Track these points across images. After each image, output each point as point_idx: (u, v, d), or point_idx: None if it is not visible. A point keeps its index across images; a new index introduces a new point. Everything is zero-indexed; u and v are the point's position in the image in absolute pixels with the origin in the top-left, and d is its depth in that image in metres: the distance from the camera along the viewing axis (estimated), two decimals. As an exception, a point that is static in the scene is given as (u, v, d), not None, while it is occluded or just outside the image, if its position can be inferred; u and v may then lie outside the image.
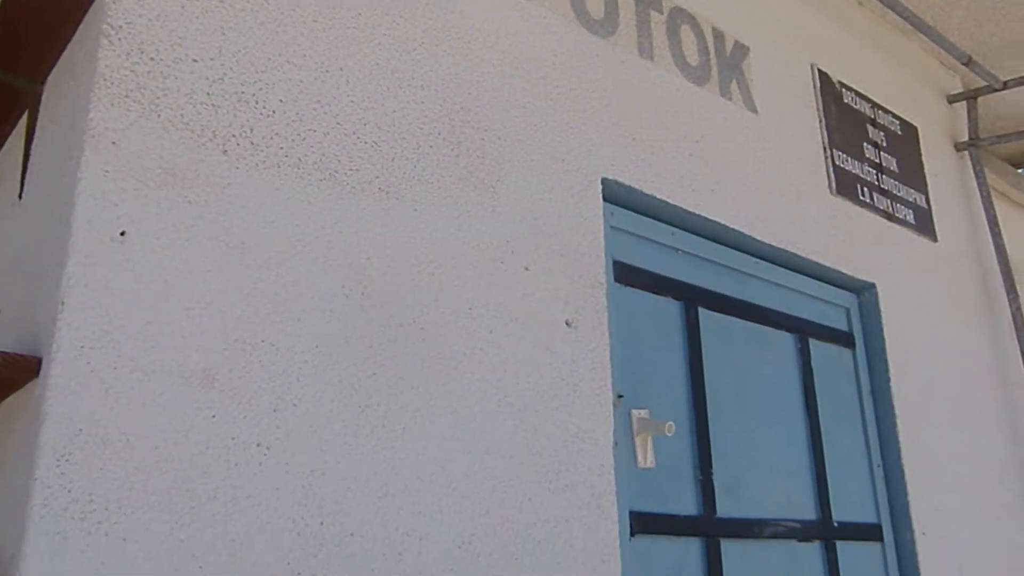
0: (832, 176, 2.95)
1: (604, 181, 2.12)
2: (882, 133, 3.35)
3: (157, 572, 1.26)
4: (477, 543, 1.62)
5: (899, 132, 3.46)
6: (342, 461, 1.49)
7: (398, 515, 1.53)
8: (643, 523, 1.98)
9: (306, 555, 1.41)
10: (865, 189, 3.11)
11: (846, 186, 3.01)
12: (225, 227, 1.46)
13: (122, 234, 1.35)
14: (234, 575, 1.33)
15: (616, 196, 2.17)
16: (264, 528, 1.38)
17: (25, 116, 1.80)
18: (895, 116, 3.46)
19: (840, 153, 3.05)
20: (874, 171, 3.20)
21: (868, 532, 2.64)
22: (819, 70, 3.10)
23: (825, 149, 2.99)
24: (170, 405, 1.33)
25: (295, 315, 1.50)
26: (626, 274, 2.16)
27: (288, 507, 1.41)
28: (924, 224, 3.37)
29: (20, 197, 1.70)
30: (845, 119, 3.16)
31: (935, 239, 3.39)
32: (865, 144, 3.22)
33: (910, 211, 3.31)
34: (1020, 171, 4.73)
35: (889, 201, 3.21)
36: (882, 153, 3.30)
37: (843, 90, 3.21)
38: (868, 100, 3.33)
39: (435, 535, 1.56)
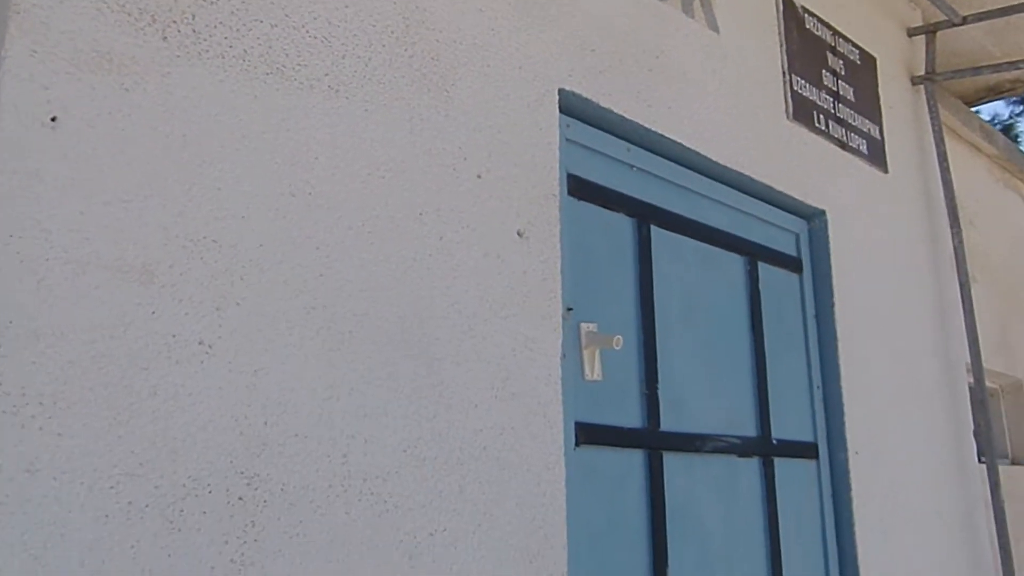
0: (790, 101, 2.95)
1: (561, 92, 2.08)
2: (841, 62, 3.34)
3: (95, 468, 1.24)
4: (423, 447, 1.62)
5: (858, 62, 3.46)
6: (287, 362, 1.46)
7: (343, 418, 1.52)
8: (588, 434, 2.01)
9: (249, 455, 1.40)
10: (821, 116, 3.11)
11: (803, 112, 3.00)
12: (165, 118, 1.40)
13: (53, 119, 1.28)
14: (176, 473, 1.31)
15: (572, 108, 2.14)
16: (206, 427, 1.36)
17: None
18: (855, 45, 3.45)
19: (799, 79, 3.04)
20: (831, 99, 3.20)
21: (805, 450, 2.72)
22: (782, -8, 3.06)
23: (784, 74, 2.97)
24: (107, 299, 1.29)
25: (239, 212, 1.46)
26: (580, 188, 2.15)
27: (231, 406, 1.39)
28: (876, 155, 3.39)
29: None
30: (806, 45, 3.14)
31: (886, 170, 3.42)
32: (824, 71, 3.21)
33: (864, 141, 3.33)
34: (972, 109, 4.78)
35: (844, 130, 3.23)
36: (840, 82, 3.29)
37: (806, 15, 3.18)
38: (830, 27, 3.31)
39: (380, 438, 1.56)
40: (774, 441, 2.59)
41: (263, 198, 1.49)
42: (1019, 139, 12.35)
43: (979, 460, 3.63)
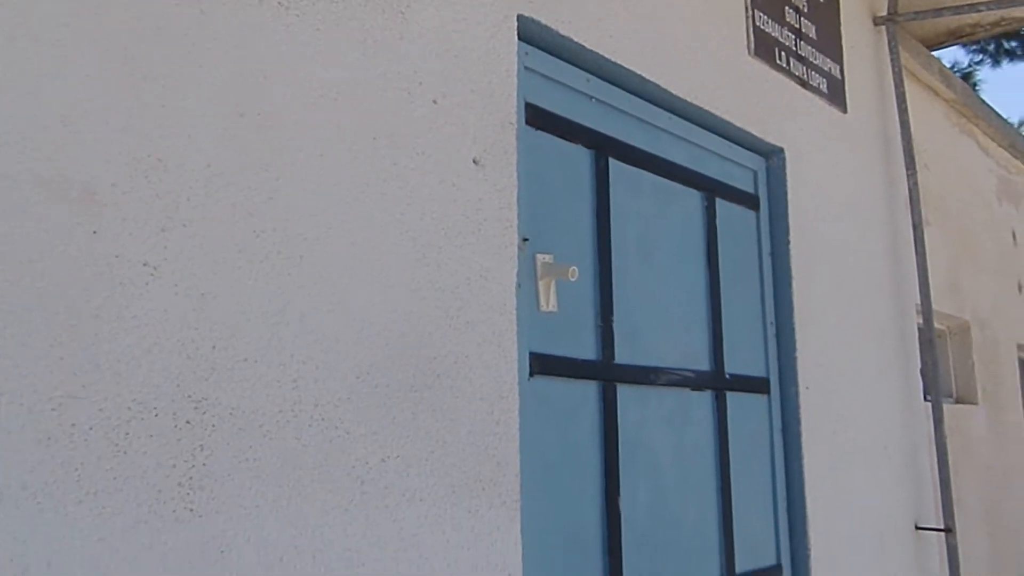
0: (752, 37, 2.92)
1: (520, 18, 2.03)
2: (804, -1, 3.31)
3: (35, 389, 1.21)
4: (376, 374, 1.61)
5: (821, 0, 3.43)
6: (236, 286, 1.44)
7: (294, 343, 1.50)
8: (542, 364, 2.02)
9: (197, 379, 1.38)
10: (783, 54, 3.10)
11: (764, 48, 2.98)
12: (104, 29, 1.34)
13: (-19, 25, 1.22)
14: (120, 395, 1.29)
15: (531, 35, 2.09)
16: (151, 349, 1.33)
17: None
18: (819, -18, 3.42)
19: (761, 14, 3.01)
20: (793, 36, 3.18)
21: (757, 384, 2.77)
22: (748, -75, 3.01)
23: (747, 9, 2.94)
24: (44, 217, 1.24)
25: (184, 131, 1.41)
26: (537, 117, 2.11)
27: (178, 329, 1.36)
28: (836, 94, 3.40)
29: None
30: (769, -20, 3.10)
31: (845, 110, 3.43)
32: (787, 8, 3.18)
33: (824, 80, 3.33)
34: (932, 53, 4.79)
35: (805, 68, 3.22)
36: (802, 19, 3.27)
37: (770, -51, 3.13)
38: (793, -37, 3.27)
39: (332, 364, 1.55)
40: (727, 375, 2.63)
41: (210, 117, 1.44)
42: (978, 87, 12.48)
43: (925, 398, 3.74)
